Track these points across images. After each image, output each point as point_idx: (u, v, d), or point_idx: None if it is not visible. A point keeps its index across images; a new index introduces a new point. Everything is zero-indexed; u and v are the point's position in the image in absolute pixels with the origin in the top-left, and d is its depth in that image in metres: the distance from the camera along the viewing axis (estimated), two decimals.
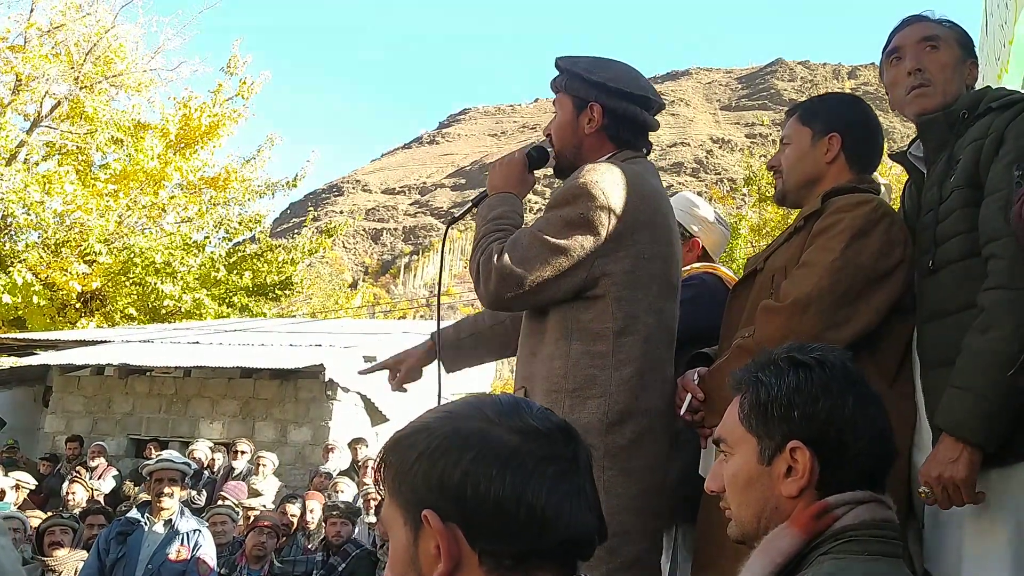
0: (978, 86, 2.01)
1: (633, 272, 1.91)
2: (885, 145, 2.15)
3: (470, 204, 2.15)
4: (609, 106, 2.03)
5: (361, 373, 2.62)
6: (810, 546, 1.14)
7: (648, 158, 2.16)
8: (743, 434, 1.24)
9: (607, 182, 1.90)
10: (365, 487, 6.94)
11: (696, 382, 1.95)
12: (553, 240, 1.87)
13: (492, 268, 1.89)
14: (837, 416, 1.18)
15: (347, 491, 6.99)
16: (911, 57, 1.91)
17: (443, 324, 2.38)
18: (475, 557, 0.84)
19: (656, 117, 2.16)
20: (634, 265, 1.91)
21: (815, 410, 1.18)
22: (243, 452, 8.27)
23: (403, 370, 2.46)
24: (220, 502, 6.77)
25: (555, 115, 2.12)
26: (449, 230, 2.28)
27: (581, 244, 1.87)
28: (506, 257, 1.88)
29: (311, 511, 6.46)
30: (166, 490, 4.71)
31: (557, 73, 2.12)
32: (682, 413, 1.95)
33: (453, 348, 2.42)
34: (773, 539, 1.17)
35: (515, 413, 0.90)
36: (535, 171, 2.15)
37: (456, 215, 2.22)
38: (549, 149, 2.12)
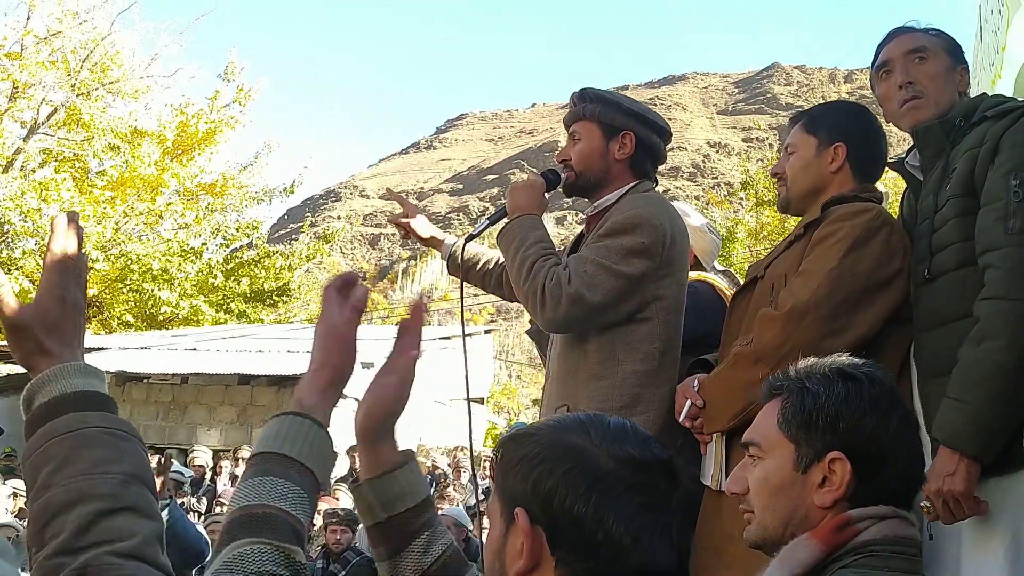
0: (973, 92, 2.01)
1: (677, 297, 2.11)
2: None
3: (488, 222, 2.29)
4: (641, 136, 2.18)
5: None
6: (830, 559, 1.14)
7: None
8: (779, 439, 1.24)
9: (663, 215, 2.07)
10: None
11: (695, 389, 1.96)
12: (617, 267, 2.01)
13: (563, 294, 1.99)
14: (882, 433, 1.18)
15: (344, 499, 6.97)
16: (900, 70, 1.91)
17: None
18: (552, 562, 0.89)
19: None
20: (678, 291, 2.12)
21: (861, 424, 1.18)
22: (244, 459, 8.25)
23: (415, 216, 2.48)
24: (217, 508, 6.76)
25: (576, 141, 2.22)
26: (464, 247, 2.41)
27: (641, 271, 2.02)
28: (576, 283, 1.99)
29: (318, 512, 6.45)
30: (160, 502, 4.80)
31: (579, 103, 2.24)
32: (681, 419, 1.97)
33: (467, 262, 2.49)
34: (793, 549, 1.17)
35: (618, 438, 0.93)
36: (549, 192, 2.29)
37: (473, 232, 2.35)
38: (562, 174, 2.24)
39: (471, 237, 2.37)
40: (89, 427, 0.91)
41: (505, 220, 2.22)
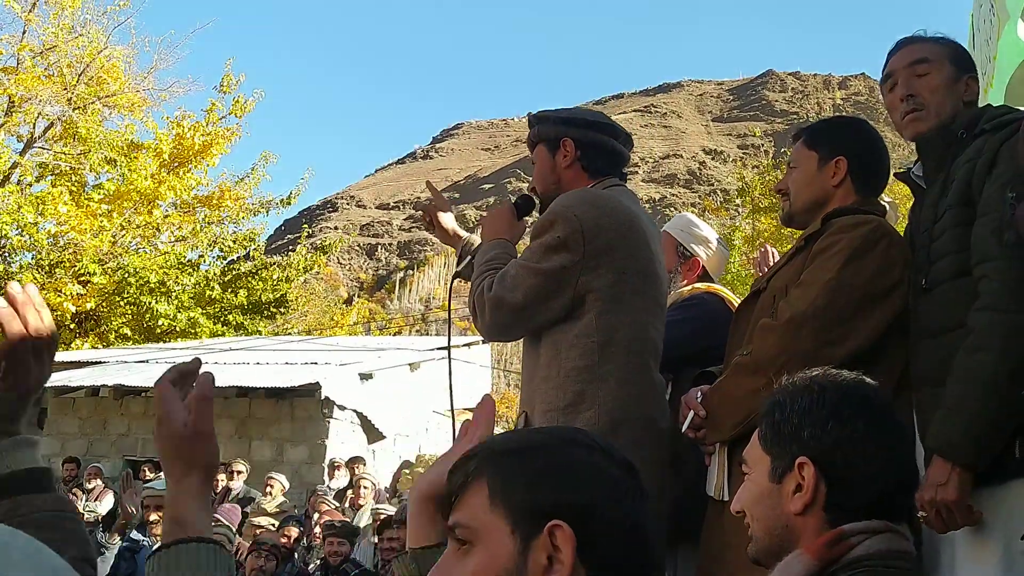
0: None
1: (616, 286, 2.01)
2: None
3: (469, 258, 2.27)
4: (579, 138, 2.18)
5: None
6: (825, 574, 1.15)
7: (626, 185, 2.27)
8: (760, 454, 1.29)
9: (578, 205, 2.03)
10: (375, 507, 6.89)
11: (698, 399, 1.97)
12: (535, 265, 2.00)
13: (485, 301, 2.01)
14: (845, 439, 1.20)
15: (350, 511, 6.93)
16: (902, 83, 1.94)
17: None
18: (583, 572, 0.88)
19: (632, 148, 2.31)
20: (616, 279, 2.01)
21: (823, 432, 1.21)
22: (239, 472, 8.22)
23: (446, 211, 2.41)
24: (213, 524, 6.73)
25: (534, 167, 2.26)
26: (452, 283, 2.38)
27: (563, 265, 1.99)
28: (496, 289, 2.01)
29: (318, 524, 6.46)
30: (152, 517, 4.98)
31: (529, 131, 2.28)
32: (684, 430, 1.98)
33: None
34: (787, 565, 1.18)
35: (609, 449, 0.96)
36: (524, 218, 2.29)
37: (459, 270, 2.32)
38: (535, 199, 2.26)
39: (457, 275, 2.34)
40: (37, 512, 0.93)
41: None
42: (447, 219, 2.39)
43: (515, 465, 0.92)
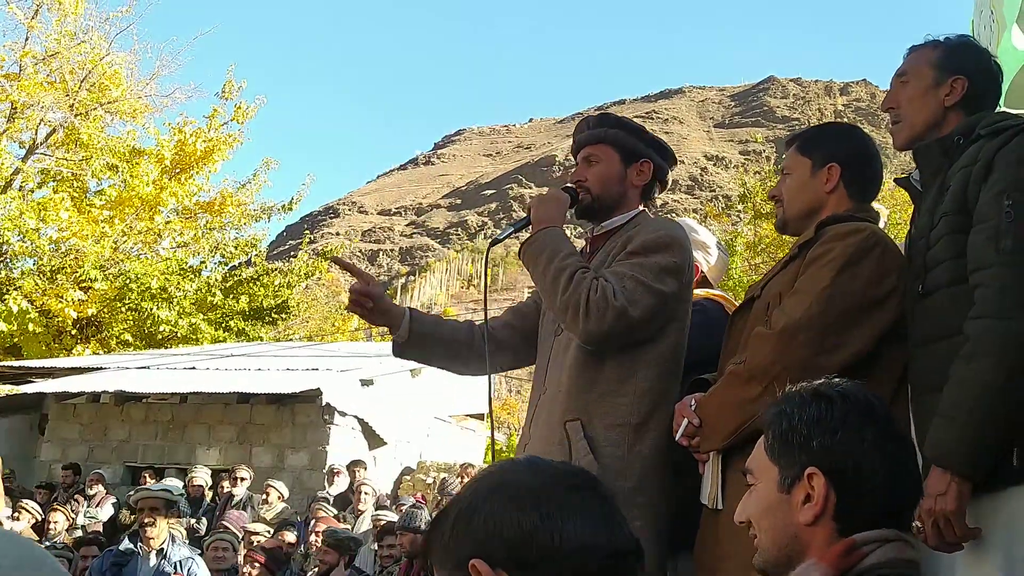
0: None
1: (686, 319, 2.16)
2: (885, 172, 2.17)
3: (512, 229, 2.31)
4: (658, 166, 2.28)
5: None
6: None
7: None
8: (767, 464, 1.28)
9: (684, 237, 2.16)
10: (375, 514, 6.87)
11: (692, 408, 1.97)
12: (654, 285, 2.04)
13: (609, 307, 1.98)
14: (854, 449, 1.21)
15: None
16: (889, 95, 1.98)
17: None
18: None
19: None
20: (686, 313, 2.17)
21: (833, 441, 1.21)
22: (243, 479, 8.20)
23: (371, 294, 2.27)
24: (221, 531, 6.72)
25: (592, 164, 2.24)
26: (488, 251, 2.45)
27: (673, 290, 2.07)
28: (621, 298, 2.00)
29: (318, 534, 6.43)
30: (147, 520, 4.80)
31: (597, 126, 2.29)
32: (678, 438, 1.97)
33: (420, 336, 2.32)
34: (802, 574, 1.19)
35: (531, 461, 1.00)
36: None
37: (498, 238, 2.34)
38: (578, 193, 2.25)
39: (495, 241, 2.31)
40: None
41: (531, 230, 2.19)
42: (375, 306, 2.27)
43: (437, 531, 0.99)
